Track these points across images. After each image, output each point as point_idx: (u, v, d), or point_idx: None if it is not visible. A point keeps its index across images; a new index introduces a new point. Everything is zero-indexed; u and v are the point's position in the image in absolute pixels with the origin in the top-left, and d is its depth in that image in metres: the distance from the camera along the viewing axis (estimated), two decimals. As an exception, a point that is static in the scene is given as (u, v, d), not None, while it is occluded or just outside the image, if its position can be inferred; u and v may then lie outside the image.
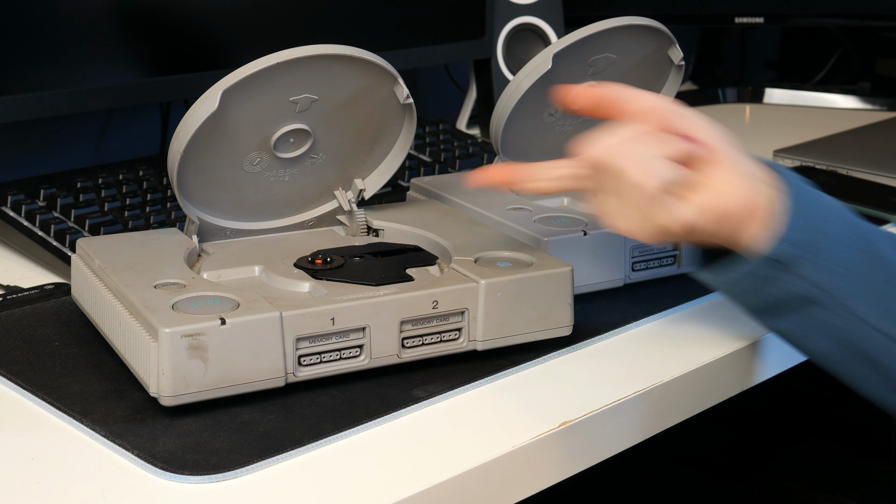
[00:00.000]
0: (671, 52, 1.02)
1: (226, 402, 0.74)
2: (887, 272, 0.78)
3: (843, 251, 0.76)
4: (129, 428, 0.72)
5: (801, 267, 0.75)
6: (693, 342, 0.87)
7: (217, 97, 0.80)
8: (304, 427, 0.72)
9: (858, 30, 1.81)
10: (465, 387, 0.79)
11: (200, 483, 0.67)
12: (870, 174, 1.30)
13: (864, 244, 0.78)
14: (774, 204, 0.76)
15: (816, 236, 0.76)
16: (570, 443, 0.75)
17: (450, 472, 0.69)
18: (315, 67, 0.82)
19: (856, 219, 0.79)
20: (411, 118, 0.89)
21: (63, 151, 1.31)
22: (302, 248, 0.87)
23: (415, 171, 1.20)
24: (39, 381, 0.78)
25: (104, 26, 1.09)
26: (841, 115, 1.66)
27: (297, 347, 0.75)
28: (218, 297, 0.76)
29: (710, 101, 1.73)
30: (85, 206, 1.03)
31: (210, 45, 1.16)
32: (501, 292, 0.80)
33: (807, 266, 0.75)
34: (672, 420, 0.83)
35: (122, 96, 1.11)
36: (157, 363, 0.71)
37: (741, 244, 0.76)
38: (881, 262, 0.78)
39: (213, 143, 0.82)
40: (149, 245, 0.85)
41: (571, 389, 0.79)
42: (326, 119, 0.86)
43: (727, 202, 0.75)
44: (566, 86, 0.79)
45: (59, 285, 0.94)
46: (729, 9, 1.67)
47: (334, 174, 0.91)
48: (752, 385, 0.89)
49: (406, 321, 0.78)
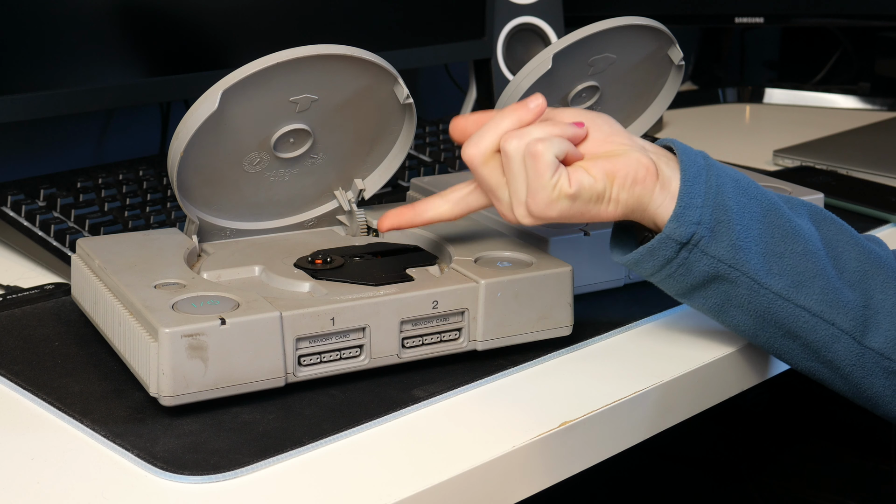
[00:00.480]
0: (671, 52, 1.02)
1: (226, 402, 0.74)
2: (795, 241, 0.79)
3: (747, 225, 0.78)
4: (129, 428, 0.72)
5: (705, 244, 0.77)
6: (693, 342, 0.87)
7: (217, 97, 0.80)
8: (304, 427, 0.72)
9: (858, 30, 1.81)
10: (465, 387, 0.79)
11: (200, 483, 0.67)
12: (870, 174, 1.30)
13: (770, 215, 0.79)
14: (672, 179, 0.78)
15: (717, 212, 0.77)
16: (570, 443, 0.75)
17: (450, 472, 0.69)
18: (315, 67, 0.82)
19: (759, 190, 0.80)
20: (411, 118, 0.89)
21: (63, 151, 1.31)
22: (302, 248, 0.87)
23: (415, 171, 1.20)
24: (39, 381, 0.78)
25: (104, 26, 1.09)
26: (841, 115, 1.66)
27: (297, 347, 0.75)
28: (218, 297, 0.76)
29: (710, 101, 1.73)
30: (85, 206, 1.03)
31: (210, 45, 1.16)
32: (501, 292, 0.80)
33: (710, 243, 0.77)
34: (672, 420, 0.83)
35: (122, 96, 1.11)
36: (157, 363, 0.71)
37: (647, 217, 0.78)
38: (789, 232, 0.79)
39: (213, 143, 0.82)
40: (149, 245, 0.85)
41: (571, 389, 0.79)
42: (326, 119, 0.86)
43: (617, 165, 0.77)
44: (460, 119, 0.82)
45: (59, 285, 0.94)
46: (729, 9, 1.67)
47: (334, 174, 0.91)
48: (752, 385, 0.89)
49: (406, 321, 0.78)
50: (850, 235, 0.82)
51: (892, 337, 0.80)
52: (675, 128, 1.56)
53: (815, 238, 0.80)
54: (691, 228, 0.77)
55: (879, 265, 0.81)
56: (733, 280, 0.78)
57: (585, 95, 1.01)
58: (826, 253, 0.80)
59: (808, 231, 0.80)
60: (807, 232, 0.79)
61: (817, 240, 0.80)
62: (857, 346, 0.80)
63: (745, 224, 0.77)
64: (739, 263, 0.78)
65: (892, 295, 0.80)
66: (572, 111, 0.80)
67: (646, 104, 1.07)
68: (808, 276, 0.78)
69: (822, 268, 0.79)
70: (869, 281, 0.80)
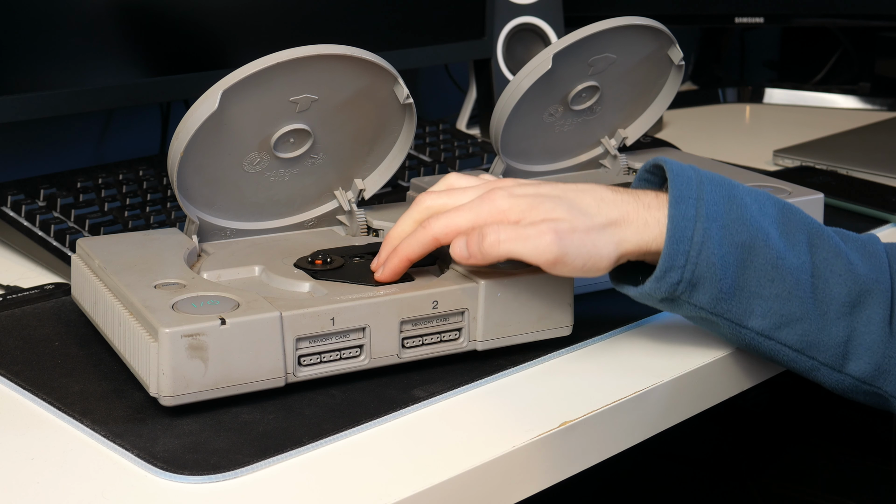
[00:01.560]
0: (671, 52, 1.02)
1: (226, 402, 0.74)
2: (782, 282, 0.79)
3: (731, 274, 0.78)
4: (129, 428, 0.72)
5: (686, 297, 0.78)
6: (693, 342, 0.87)
7: (217, 97, 0.80)
8: (304, 427, 0.72)
9: (858, 30, 1.81)
10: (465, 387, 0.79)
11: (200, 483, 0.67)
12: (870, 174, 1.30)
13: (758, 256, 0.79)
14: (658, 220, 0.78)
15: (700, 269, 0.78)
16: (570, 443, 0.75)
17: (450, 472, 0.69)
18: (315, 67, 0.82)
19: (750, 222, 0.79)
20: (411, 118, 0.89)
21: (63, 151, 1.31)
22: (302, 248, 0.87)
23: (415, 171, 1.20)
24: (39, 381, 0.78)
25: (104, 26, 1.09)
26: (841, 115, 1.66)
27: (297, 347, 0.75)
28: (218, 297, 0.76)
29: (710, 101, 1.73)
30: (85, 206, 1.03)
31: (210, 45, 1.16)
32: (501, 292, 0.80)
33: (692, 296, 0.78)
34: (672, 420, 0.83)
35: (122, 96, 1.11)
36: (157, 363, 0.71)
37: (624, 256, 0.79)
38: (776, 272, 0.79)
39: (213, 143, 0.82)
40: (149, 245, 0.85)
41: (571, 389, 0.79)
42: (326, 119, 0.86)
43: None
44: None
45: (59, 285, 0.94)
46: (729, 9, 1.67)
47: (334, 174, 0.91)
48: (751, 385, 0.89)
49: (406, 321, 0.78)
50: (845, 262, 0.80)
51: (872, 364, 0.81)
52: (675, 128, 1.56)
53: (804, 272, 0.79)
54: (671, 288, 0.78)
55: (869, 292, 0.80)
56: (716, 322, 0.80)
57: (585, 95, 1.01)
58: (812, 289, 0.79)
59: (797, 266, 0.79)
60: (795, 268, 0.79)
61: (807, 274, 0.79)
62: (837, 374, 0.82)
63: (728, 274, 0.78)
64: (721, 311, 0.79)
65: (877, 323, 0.80)
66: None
67: (646, 104, 1.07)
68: (790, 317, 0.79)
69: (806, 309, 0.79)
70: (855, 312, 0.80)
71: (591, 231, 0.77)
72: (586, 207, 0.78)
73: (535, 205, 0.77)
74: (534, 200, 0.77)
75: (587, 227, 0.77)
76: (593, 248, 0.76)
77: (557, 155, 1.06)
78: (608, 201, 0.78)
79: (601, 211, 0.78)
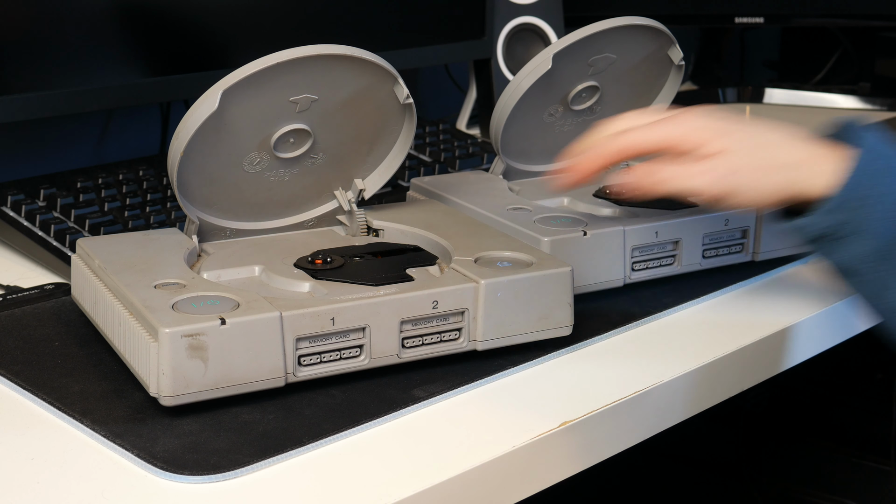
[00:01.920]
0: (671, 52, 1.02)
1: (226, 402, 0.74)
2: None
3: (894, 235, 0.78)
4: (129, 428, 0.72)
5: (847, 242, 0.78)
6: (693, 342, 0.87)
7: (217, 97, 0.80)
8: (304, 427, 0.72)
9: (858, 30, 1.81)
10: (465, 387, 0.79)
11: (200, 483, 0.67)
12: (870, 174, 1.30)
13: None
14: (836, 163, 0.79)
15: (870, 215, 0.77)
16: (570, 443, 0.75)
17: (450, 472, 0.69)
18: (315, 67, 0.82)
19: None
20: (411, 118, 0.89)
21: (63, 151, 1.31)
22: (302, 248, 0.87)
23: (415, 171, 1.20)
24: (39, 381, 0.78)
25: (104, 26, 1.09)
26: (841, 115, 1.66)
27: (297, 347, 0.75)
28: (218, 297, 0.76)
29: (710, 101, 1.73)
30: (85, 206, 1.03)
31: (210, 45, 1.17)
32: (501, 292, 0.80)
33: (852, 243, 0.78)
34: (672, 420, 0.83)
35: (122, 96, 1.11)
36: (157, 363, 0.71)
37: (806, 193, 0.79)
38: None
39: (213, 143, 0.82)
40: (149, 245, 0.85)
41: (571, 389, 0.79)
42: (326, 119, 0.86)
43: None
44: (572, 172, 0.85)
45: (59, 285, 0.94)
46: (729, 9, 1.67)
47: (334, 174, 0.91)
48: (752, 385, 0.89)
49: (406, 321, 0.78)
50: None
51: None
52: (675, 128, 1.56)
53: None
54: (838, 225, 0.78)
55: None
56: (862, 279, 0.79)
57: (585, 95, 1.01)
58: None
59: None
60: None
61: None
62: None
63: (884, 228, 0.78)
64: (873, 270, 0.78)
65: None
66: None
67: (646, 104, 1.07)
68: None
69: None
70: None
71: (768, 170, 0.80)
72: (768, 144, 0.81)
73: (723, 132, 0.81)
74: (725, 126, 0.82)
75: (763, 166, 0.80)
76: (763, 186, 0.80)
77: (557, 155, 1.06)
78: (787, 144, 0.81)
79: (781, 151, 0.81)
